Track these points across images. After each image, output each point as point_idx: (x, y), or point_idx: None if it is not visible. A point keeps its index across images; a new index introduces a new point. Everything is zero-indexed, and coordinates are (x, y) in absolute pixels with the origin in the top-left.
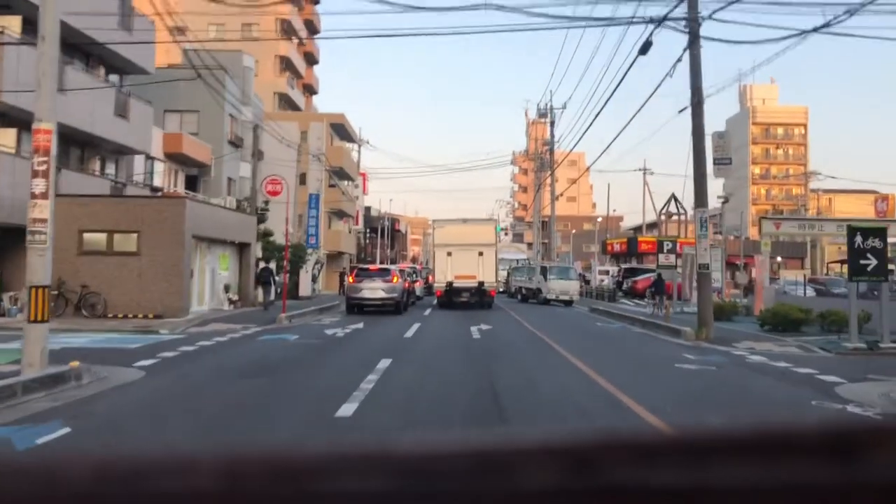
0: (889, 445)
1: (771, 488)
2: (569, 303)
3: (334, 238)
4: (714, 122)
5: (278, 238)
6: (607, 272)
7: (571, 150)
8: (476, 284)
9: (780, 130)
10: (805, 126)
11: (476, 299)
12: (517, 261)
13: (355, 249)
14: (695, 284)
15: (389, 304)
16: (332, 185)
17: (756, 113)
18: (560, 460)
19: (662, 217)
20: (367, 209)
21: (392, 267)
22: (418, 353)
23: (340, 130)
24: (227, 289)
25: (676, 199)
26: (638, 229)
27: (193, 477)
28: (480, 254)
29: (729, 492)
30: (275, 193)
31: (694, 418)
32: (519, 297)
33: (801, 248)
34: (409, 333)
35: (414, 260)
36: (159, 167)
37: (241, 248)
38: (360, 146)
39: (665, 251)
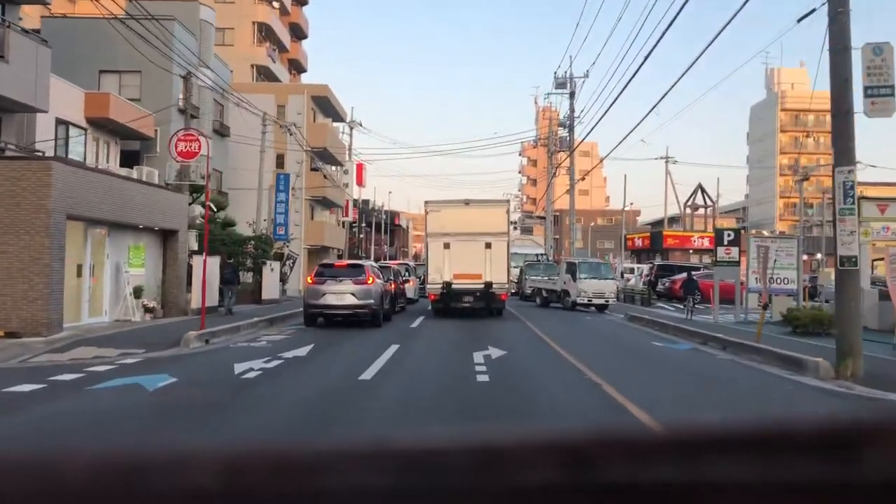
0: (886, 443)
1: (768, 485)
2: (602, 307)
3: (317, 230)
4: (737, 107)
5: (243, 229)
6: (632, 270)
7: (585, 138)
8: (482, 286)
9: (810, 118)
10: None
11: (481, 305)
12: (536, 256)
13: (345, 244)
14: (771, 285)
15: (363, 314)
16: (314, 169)
17: (785, 98)
18: (558, 457)
19: (688, 209)
20: (365, 202)
21: (366, 263)
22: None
23: (325, 106)
24: (137, 293)
25: (703, 190)
26: (657, 223)
27: (193, 473)
28: (488, 246)
29: (726, 489)
30: (188, 155)
31: None
32: (538, 300)
33: None
34: (373, 370)
35: (416, 257)
36: (85, 137)
37: (166, 238)
38: (351, 128)
39: (725, 242)
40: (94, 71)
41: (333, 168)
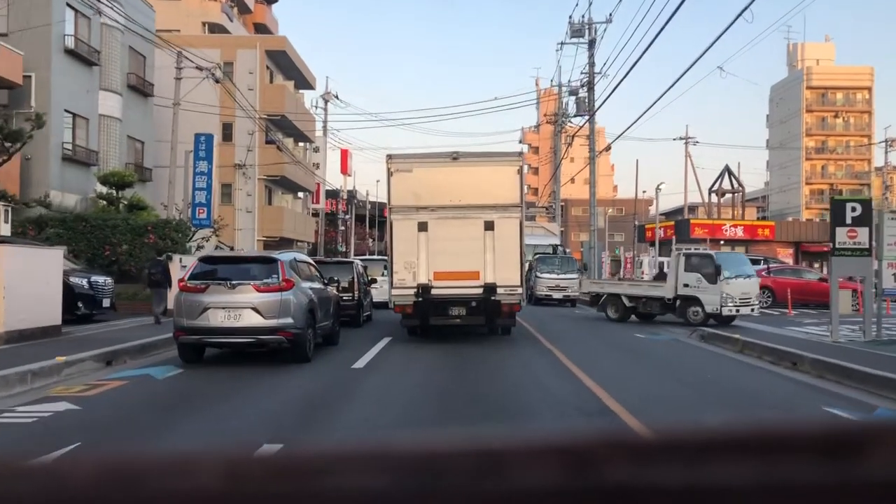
0: (886, 444)
1: (769, 487)
2: (728, 319)
3: (274, 217)
4: (756, 87)
5: (169, 213)
6: (662, 265)
7: (610, 96)
8: (479, 290)
9: (839, 96)
10: (870, 90)
11: (479, 320)
12: (552, 248)
13: (320, 236)
14: None
15: (274, 342)
16: (269, 142)
17: (811, 75)
18: (560, 459)
19: (714, 195)
20: (350, 192)
21: (282, 256)
22: None
23: (285, 66)
24: None
25: (731, 173)
26: (673, 213)
27: (196, 476)
28: (489, 226)
29: (727, 491)
30: None
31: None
32: (610, 311)
33: None
34: None
35: None
36: None
37: None
38: (326, 101)
39: (849, 221)
40: None
41: (301, 144)
